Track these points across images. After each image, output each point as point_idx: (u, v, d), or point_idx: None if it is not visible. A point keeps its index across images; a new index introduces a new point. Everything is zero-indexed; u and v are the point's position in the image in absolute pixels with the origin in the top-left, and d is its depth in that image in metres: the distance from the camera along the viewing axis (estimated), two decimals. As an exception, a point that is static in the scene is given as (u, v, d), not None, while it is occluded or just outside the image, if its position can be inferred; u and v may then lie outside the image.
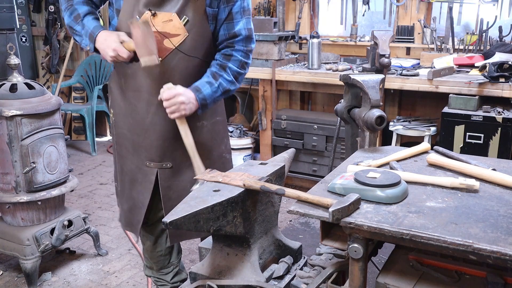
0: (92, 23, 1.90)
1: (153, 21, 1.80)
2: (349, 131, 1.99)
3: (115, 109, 2.07)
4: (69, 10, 1.93)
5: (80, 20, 1.91)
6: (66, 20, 1.95)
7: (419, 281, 1.24)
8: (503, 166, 1.58)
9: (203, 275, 1.49)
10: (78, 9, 1.92)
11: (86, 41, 1.91)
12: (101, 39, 1.85)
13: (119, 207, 2.26)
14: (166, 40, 1.84)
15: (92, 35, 1.87)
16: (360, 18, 4.39)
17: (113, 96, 2.08)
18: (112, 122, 2.12)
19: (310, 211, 1.27)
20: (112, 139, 2.20)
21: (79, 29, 1.92)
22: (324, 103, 4.59)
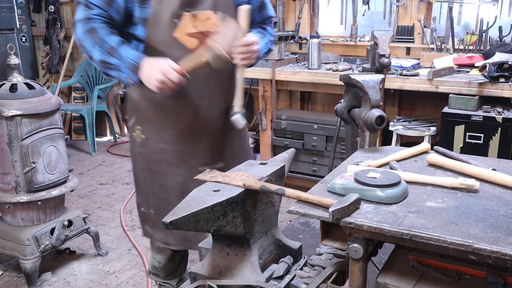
0: (131, 53, 1.73)
1: (194, 21, 1.76)
2: (349, 131, 1.99)
3: (146, 125, 1.94)
4: (98, 45, 1.73)
5: (116, 52, 1.72)
6: (97, 56, 1.74)
7: (419, 281, 1.24)
8: (503, 166, 1.58)
9: (203, 275, 1.49)
10: (109, 41, 1.73)
11: (127, 73, 1.74)
12: (146, 66, 1.71)
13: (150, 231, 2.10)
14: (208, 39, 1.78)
15: (135, 65, 1.72)
16: (360, 18, 4.39)
17: (140, 112, 1.95)
18: (139, 141, 1.96)
19: (310, 211, 1.27)
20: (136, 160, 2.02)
21: (116, 62, 1.73)
22: (324, 103, 4.59)
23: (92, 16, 1.74)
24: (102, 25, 1.75)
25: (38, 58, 6.00)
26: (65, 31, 5.72)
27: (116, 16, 1.78)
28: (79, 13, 1.76)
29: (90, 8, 1.74)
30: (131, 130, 2.00)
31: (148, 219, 2.08)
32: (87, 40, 1.73)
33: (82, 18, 1.75)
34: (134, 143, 2.01)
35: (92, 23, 1.74)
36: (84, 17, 1.74)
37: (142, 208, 2.09)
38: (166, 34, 1.78)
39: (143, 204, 2.09)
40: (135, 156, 2.02)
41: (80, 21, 1.75)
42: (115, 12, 1.77)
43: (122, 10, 1.77)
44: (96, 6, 1.74)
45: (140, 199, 2.10)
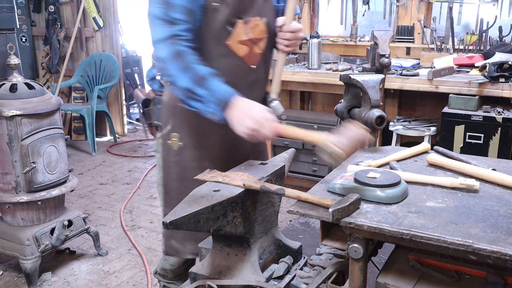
0: (222, 88, 1.58)
1: (245, 29, 1.73)
2: (349, 131, 1.99)
3: (185, 132, 1.86)
4: (187, 71, 1.57)
5: (205, 83, 1.57)
6: (183, 83, 1.57)
7: (419, 281, 1.24)
8: (503, 166, 1.58)
9: (203, 275, 1.49)
10: (198, 69, 1.58)
11: (213, 109, 1.58)
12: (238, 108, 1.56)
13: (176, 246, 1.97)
14: (255, 46, 1.79)
15: (225, 102, 1.56)
16: (360, 18, 4.39)
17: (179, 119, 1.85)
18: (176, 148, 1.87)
19: (310, 211, 1.27)
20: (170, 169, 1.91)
21: (204, 94, 1.56)
22: (324, 103, 4.59)
23: (179, 34, 1.59)
24: (189, 50, 1.61)
25: (38, 58, 6.00)
26: (65, 31, 5.73)
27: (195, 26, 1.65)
28: (159, 31, 1.60)
29: (175, 24, 1.59)
30: (166, 138, 1.89)
31: (176, 232, 1.95)
32: (173, 64, 1.58)
33: (166, 36, 1.58)
34: (169, 152, 1.90)
35: (179, 45, 1.59)
36: (169, 36, 1.58)
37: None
38: (217, 42, 1.71)
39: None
40: (169, 165, 1.91)
41: (163, 40, 1.59)
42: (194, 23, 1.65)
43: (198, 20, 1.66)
44: (182, 21, 1.60)
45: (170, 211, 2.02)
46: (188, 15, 1.61)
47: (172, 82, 1.62)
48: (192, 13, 1.62)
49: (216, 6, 1.65)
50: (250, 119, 1.53)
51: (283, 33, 1.81)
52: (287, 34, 1.80)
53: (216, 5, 1.65)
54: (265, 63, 1.88)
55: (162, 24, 1.59)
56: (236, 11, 1.70)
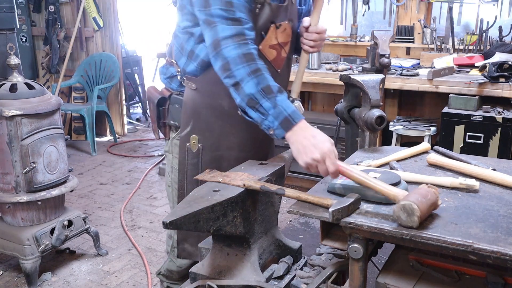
0: (289, 105, 1.49)
1: (276, 33, 1.72)
2: (349, 131, 1.99)
3: (204, 134, 1.82)
4: (256, 77, 1.49)
5: (273, 96, 1.48)
6: (249, 89, 1.48)
7: (419, 281, 1.24)
8: (503, 166, 1.58)
9: (203, 275, 1.49)
10: (269, 80, 1.50)
11: (273, 124, 1.49)
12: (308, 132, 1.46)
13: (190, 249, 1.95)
14: (282, 50, 1.79)
15: (289, 121, 1.47)
16: (360, 18, 4.39)
17: (200, 121, 1.80)
18: (195, 150, 1.83)
19: (310, 211, 1.27)
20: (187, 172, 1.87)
21: (268, 107, 1.47)
22: (324, 103, 4.59)
23: (245, 32, 1.53)
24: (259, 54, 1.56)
25: (38, 58, 6.00)
26: (65, 31, 5.73)
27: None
28: (224, 29, 1.53)
29: (240, 23, 1.53)
30: (185, 140, 1.84)
31: (190, 236, 1.95)
32: (241, 65, 1.50)
33: (234, 34, 1.52)
34: (187, 154, 1.85)
35: (248, 46, 1.53)
36: (236, 33, 1.52)
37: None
38: None
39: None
40: (187, 167, 1.86)
41: (231, 37, 1.52)
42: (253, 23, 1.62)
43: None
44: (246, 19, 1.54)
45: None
46: (248, 13, 1.59)
47: (235, 85, 1.52)
48: (250, 13, 1.60)
49: (257, 11, 1.65)
50: (317, 150, 1.41)
51: (309, 33, 1.79)
52: (313, 35, 1.78)
53: (257, 10, 1.64)
54: (287, 66, 1.88)
55: (227, 23, 1.53)
56: (272, 16, 1.69)
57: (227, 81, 1.55)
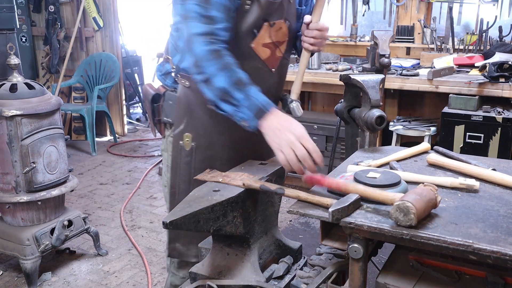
0: (260, 95, 1.51)
1: (270, 32, 1.71)
2: (349, 131, 1.99)
3: (198, 132, 1.80)
4: (226, 71, 1.52)
5: (244, 88, 1.51)
6: (220, 83, 1.51)
7: (419, 281, 1.24)
8: (503, 166, 1.58)
9: (203, 275, 1.49)
10: (238, 72, 1.52)
11: (247, 115, 1.51)
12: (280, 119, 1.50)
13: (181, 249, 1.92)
14: (277, 49, 1.77)
15: (262, 110, 1.49)
16: (360, 18, 4.39)
17: (193, 118, 1.79)
18: (188, 149, 1.81)
19: (310, 211, 1.27)
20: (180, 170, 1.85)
21: (241, 98, 1.50)
22: (324, 103, 4.59)
23: (216, 32, 1.54)
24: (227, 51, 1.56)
25: (38, 58, 6.00)
26: (65, 31, 5.73)
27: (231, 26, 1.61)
28: (197, 26, 1.54)
29: (213, 22, 1.55)
30: (178, 138, 1.82)
31: (181, 235, 1.93)
32: (210, 61, 1.52)
33: (204, 32, 1.53)
34: (180, 152, 1.83)
35: (217, 43, 1.54)
36: (206, 32, 1.53)
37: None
38: (242, 44, 1.67)
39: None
40: (180, 166, 1.85)
41: (200, 35, 1.53)
42: (232, 23, 1.61)
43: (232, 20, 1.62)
44: (220, 18, 1.55)
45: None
46: (225, 13, 1.57)
47: (206, 81, 1.54)
48: (230, 12, 1.59)
49: (247, 8, 1.63)
50: (291, 132, 1.44)
51: (310, 30, 1.75)
52: (314, 32, 1.74)
53: (247, 7, 1.63)
54: (283, 67, 1.86)
55: (200, 20, 1.54)
56: (264, 14, 1.67)
57: (198, 77, 1.57)
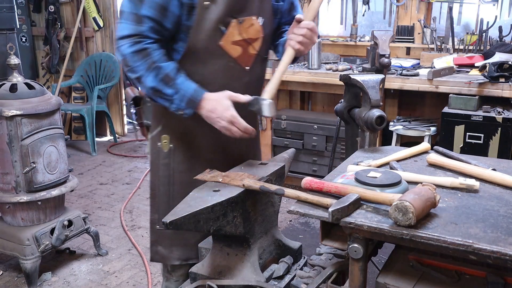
0: (189, 86, 1.59)
1: (239, 29, 1.66)
2: (349, 131, 1.99)
3: (175, 133, 1.80)
4: (152, 70, 1.56)
5: (173, 83, 1.57)
6: (150, 83, 1.57)
7: (419, 281, 1.24)
8: (503, 166, 1.58)
9: (203, 275, 1.49)
10: (165, 67, 1.57)
11: (181, 106, 1.60)
12: (208, 106, 1.59)
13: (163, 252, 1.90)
14: (250, 47, 1.73)
15: (193, 101, 1.58)
16: (360, 18, 4.39)
17: (169, 120, 1.79)
18: (166, 150, 1.81)
19: (310, 211, 1.27)
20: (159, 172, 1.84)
21: (171, 93, 1.58)
22: (324, 103, 4.59)
23: (143, 33, 1.56)
24: (155, 46, 1.58)
25: (38, 58, 6.00)
26: (65, 31, 5.73)
27: (169, 25, 1.61)
28: (124, 28, 1.56)
29: (141, 23, 1.55)
30: (156, 140, 1.83)
31: (163, 238, 1.90)
32: (137, 62, 1.56)
33: (130, 34, 1.55)
34: (158, 154, 1.83)
35: (144, 43, 1.56)
36: (133, 33, 1.55)
37: (157, 226, 1.89)
38: (209, 42, 1.65)
39: (159, 221, 1.86)
40: (159, 167, 1.85)
41: (127, 37, 1.56)
42: (169, 22, 1.60)
43: (176, 18, 1.61)
44: (149, 18, 1.56)
45: (157, 216, 1.89)
46: (159, 12, 1.57)
47: (137, 79, 1.60)
48: (165, 11, 1.58)
49: (207, 5, 1.60)
50: (222, 120, 1.57)
51: (300, 28, 1.68)
52: (304, 30, 1.67)
53: (207, 3, 1.60)
54: (260, 64, 1.83)
55: (129, 21, 1.57)
56: (229, 10, 1.63)
57: (130, 75, 1.62)
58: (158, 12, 1.57)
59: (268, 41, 1.82)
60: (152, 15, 1.56)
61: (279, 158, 1.77)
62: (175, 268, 1.95)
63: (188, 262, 1.91)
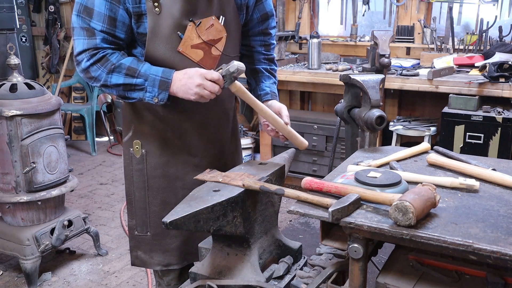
0: (156, 70, 1.59)
1: (198, 31, 1.62)
2: (349, 131, 1.99)
3: (147, 138, 1.79)
4: (114, 70, 1.58)
5: (137, 72, 1.58)
6: (116, 81, 1.58)
7: (419, 281, 1.24)
8: (503, 166, 1.58)
9: (203, 275, 1.49)
10: (125, 62, 1.58)
11: (155, 92, 1.59)
12: (179, 81, 1.57)
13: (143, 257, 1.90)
14: (213, 48, 1.69)
15: (165, 81, 1.58)
16: (360, 18, 4.39)
17: (140, 125, 1.79)
18: (138, 156, 1.80)
19: (310, 211, 1.27)
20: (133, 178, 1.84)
21: (141, 82, 1.58)
22: (324, 103, 4.59)
23: (97, 46, 1.58)
24: (110, 51, 1.60)
25: (38, 58, 6.00)
26: (65, 31, 5.72)
27: (122, 35, 1.61)
28: (79, 44, 1.59)
29: (93, 35, 1.57)
30: (128, 146, 1.82)
31: (142, 243, 1.89)
32: (98, 71, 1.59)
33: (85, 48, 1.58)
34: (131, 160, 1.82)
35: (100, 53, 1.58)
36: (88, 47, 1.58)
37: (136, 232, 1.89)
38: (167, 49, 1.62)
39: (137, 227, 1.89)
40: (132, 173, 1.84)
41: (83, 52, 1.59)
42: (121, 31, 1.60)
43: (127, 27, 1.61)
44: (99, 31, 1.57)
45: (135, 222, 1.89)
46: (108, 23, 1.57)
47: (103, 86, 1.62)
48: (114, 21, 1.58)
49: (157, 11, 1.57)
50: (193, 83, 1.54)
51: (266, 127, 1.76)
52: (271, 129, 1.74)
53: (157, 10, 1.57)
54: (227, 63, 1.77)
55: (81, 36, 1.58)
56: (183, 14, 1.59)
57: (95, 85, 1.65)
58: (107, 24, 1.58)
59: (235, 39, 1.78)
60: (102, 28, 1.58)
61: (279, 158, 1.77)
62: (164, 273, 1.95)
63: (168, 267, 1.90)
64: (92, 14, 1.56)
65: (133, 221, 1.90)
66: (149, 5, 1.56)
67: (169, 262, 1.90)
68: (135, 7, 1.57)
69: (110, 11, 1.56)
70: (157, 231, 1.86)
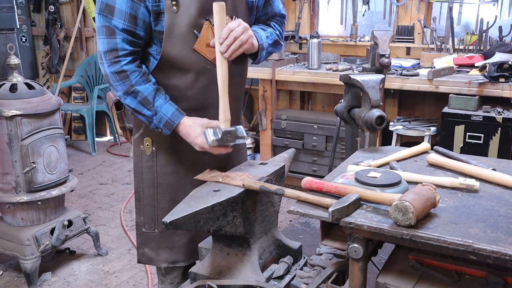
0: (167, 109, 1.65)
1: (213, 30, 1.62)
2: (349, 131, 1.99)
3: (157, 136, 1.79)
4: (131, 95, 1.63)
5: (152, 106, 1.64)
6: (129, 104, 1.65)
7: (419, 281, 1.24)
8: (503, 166, 1.58)
9: (203, 275, 1.49)
10: (143, 91, 1.63)
11: (159, 126, 1.67)
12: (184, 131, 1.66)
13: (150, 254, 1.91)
14: None
15: (170, 124, 1.66)
16: (360, 18, 4.39)
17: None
18: (148, 153, 1.82)
19: (310, 211, 1.27)
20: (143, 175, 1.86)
21: (150, 114, 1.65)
22: (324, 103, 4.59)
23: (117, 47, 1.60)
24: (132, 68, 1.62)
25: (38, 58, 6.00)
26: (65, 31, 5.73)
27: (142, 32, 1.63)
28: (101, 43, 1.62)
29: (113, 34, 1.60)
30: (138, 143, 1.85)
31: (150, 240, 1.90)
32: (116, 82, 1.64)
33: (106, 50, 1.61)
34: (141, 157, 1.85)
35: (122, 64, 1.61)
36: (108, 48, 1.61)
37: (143, 229, 1.91)
38: (183, 47, 1.64)
39: (145, 224, 1.91)
40: (142, 170, 1.86)
41: (104, 53, 1.62)
42: (141, 29, 1.62)
43: (147, 25, 1.63)
44: (120, 30, 1.59)
45: (143, 219, 1.92)
46: (129, 21, 1.59)
47: (120, 97, 1.67)
48: (135, 19, 1.59)
49: (175, 10, 1.60)
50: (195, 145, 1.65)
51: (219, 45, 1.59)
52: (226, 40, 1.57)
53: (175, 9, 1.60)
54: (240, 63, 1.80)
55: (103, 34, 1.61)
56: (200, 13, 1.62)
57: (113, 90, 1.69)
58: (128, 21, 1.59)
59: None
60: (123, 26, 1.59)
61: (279, 158, 1.77)
62: (168, 271, 1.95)
63: (175, 265, 1.91)
64: (113, 11, 1.58)
65: (141, 218, 1.92)
66: (167, 4, 1.59)
67: (176, 259, 1.91)
68: (154, 5, 1.59)
69: (131, 9, 1.58)
70: (157, 231, 1.88)
